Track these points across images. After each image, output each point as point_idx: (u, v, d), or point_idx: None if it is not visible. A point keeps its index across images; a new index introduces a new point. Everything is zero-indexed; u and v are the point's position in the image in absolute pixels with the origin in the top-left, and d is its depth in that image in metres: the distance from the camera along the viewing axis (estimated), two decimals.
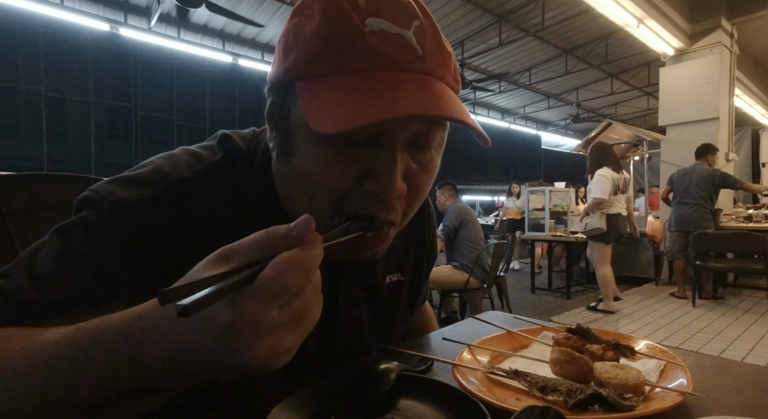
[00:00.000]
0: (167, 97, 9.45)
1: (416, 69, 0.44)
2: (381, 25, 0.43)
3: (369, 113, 0.40)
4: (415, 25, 0.44)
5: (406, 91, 0.42)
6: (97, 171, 8.58)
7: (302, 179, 0.47)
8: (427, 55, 0.45)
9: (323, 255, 0.34)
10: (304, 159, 0.46)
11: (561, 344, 0.59)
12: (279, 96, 0.48)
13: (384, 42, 0.43)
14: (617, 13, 5.12)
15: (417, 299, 0.77)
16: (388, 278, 0.68)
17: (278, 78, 0.47)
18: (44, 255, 0.47)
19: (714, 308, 4.47)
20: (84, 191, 0.50)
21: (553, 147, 15.94)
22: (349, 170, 0.45)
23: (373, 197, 0.46)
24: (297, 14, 0.47)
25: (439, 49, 0.46)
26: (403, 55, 0.44)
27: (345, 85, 0.42)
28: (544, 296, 5.31)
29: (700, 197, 4.60)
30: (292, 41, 0.45)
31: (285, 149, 0.48)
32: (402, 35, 0.44)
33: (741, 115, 8.23)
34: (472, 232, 3.50)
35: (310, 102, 0.43)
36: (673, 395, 0.49)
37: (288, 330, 0.32)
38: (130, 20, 6.91)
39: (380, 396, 0.48)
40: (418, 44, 0.44)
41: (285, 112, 0.47)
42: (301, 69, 0.45)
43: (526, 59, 9.20)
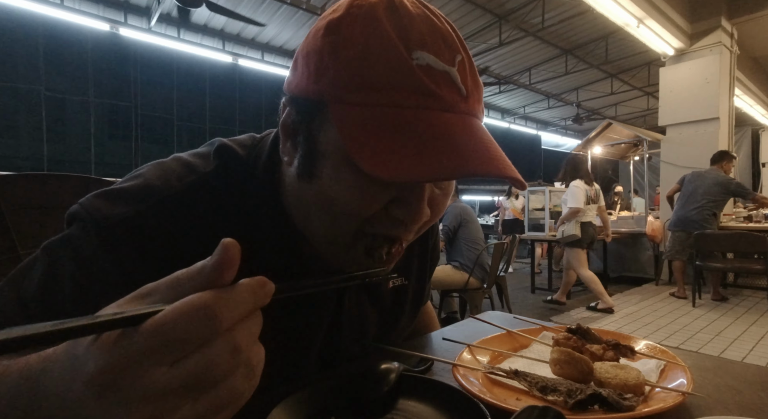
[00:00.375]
0: (167, 97, 9.44)
1: (461, 110, 0.43)
2: (428, 59, 0.41)
3: (429, 168, 0.38)
4: (458, 60, 0.43)
5: (462, 143, 0.41)
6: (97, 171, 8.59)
7: (326, 202, 0.45)
8: (469, 94, 0.44)
9: (265, 301, 0.28)
10: (332, 184, 0.44)
11: (561, 344, 0.59)
12: (305, 112, 0.45)
13: (431, 79, 0.41)
14: (617, 13, 5.12)
15: (421, 302, 0.77)
16: (392, 283, 0.68)
17: (307, 95, 0.44)
18: (32, 275, 0.46)
19: (714, 309, 4.48)
20: (84, 190, 0.50)
21: (553, 147, 15.94)
22: (379, 197, 0.44)
23: (398, 221, 0.46)
24: (333, 33, 0.43)
25: (476, 87, 0.45)
26: (450, 95, 0.42)
27: (397, 127, 0.40)
28: (545, 296, 5.31)
29: (707, 200, 4.60)
30: (329, 61, 0.42)
31: (309, 170, 0.46)
32: (448, 73, 0.42)
33: (741, 115, 8.23)
34: (472, 232, 3.50)
35: (354, 136, 0.40)
36: (673, 395, 0.49)
37: (181, 399, 0.24)
38: (130, 20, 6.91)
39: (380, 396, 0.48)
40: (462, 84, 0.43)
41: (312, 131, 0.45)
42: (339, 93, 0.42)
43: (526, 59, 9.20)
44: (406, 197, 0.44)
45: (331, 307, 0.60)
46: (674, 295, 4.96)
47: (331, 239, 0.48)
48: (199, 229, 0.49)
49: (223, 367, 0.25)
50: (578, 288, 5.61)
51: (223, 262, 0.26)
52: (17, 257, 0.71)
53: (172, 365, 0.24)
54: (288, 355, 0.57)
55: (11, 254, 0.71)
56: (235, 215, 0.51)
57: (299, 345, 0.58)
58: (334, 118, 0.42)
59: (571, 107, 12.14)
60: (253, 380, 0.27)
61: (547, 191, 6.36)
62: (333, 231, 0.47)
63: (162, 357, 0.24)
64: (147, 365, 0.23)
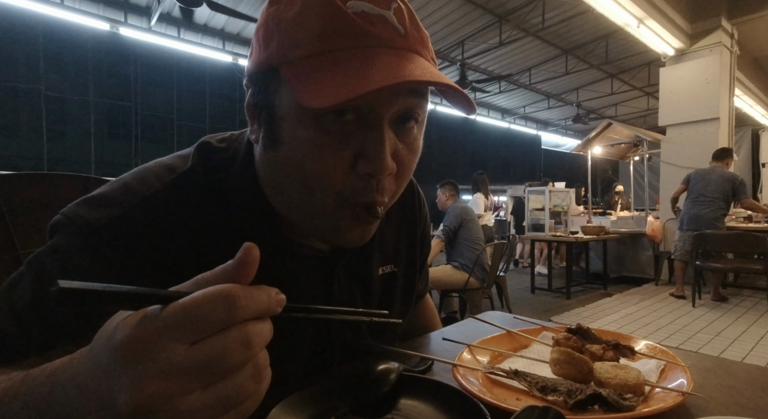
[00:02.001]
0: (167, 97, 9.45)
1: (400, 46, 0.46)
2: (363, 6, 0.44)
3: (360, 84, 0.40)
4: (393, 7, 0.46)
5: (392, 64, 0.43)
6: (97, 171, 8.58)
7: (294, 167, 0.47)
8: (408, 34, 0.46)
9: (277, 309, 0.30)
10: (295, 145, 0.46)
11: (561, 344, 0.59)
12: (261, 85, 0.47)
13: (367, 22, 0.44)
14: (617, 13, 5.12)
15: (413, 291, 0.76)
16: (381, 270, 0.68)
17: (260, 67, 0.47)
18: (22, 287, 0.46)
19: (714, 309, 4.48)
20: (84, 190, 0.50)
21: (553, 147, 15.94)
22: (341, 152, 0.45)
23: (367, 178, 0.46)
24: (275, 2, 0.47)
25: (418, 30, 0.48)
26: (387, 33, 0.45)
27: (334, 65, 0.43)
28: (544, 296, 5.31)
29: (717, 197, 4.58)
30: (274, 28, 0.45)
31: (273, 137, 0.47)
32: (384, 16, 0.45)
33: (741, 115, 8.23)
34: (473, 232, 3.50)
35: (299, 83, 0.43)
36: (673, 395, 0.49)
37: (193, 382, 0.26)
38: (130, 20, 6.91)
39: (380, 396, 0.48)
40: (399, 24, 0.46)
41: (270, 99, 0.47)
42: (285, 54, 0.45)
43: (526, 59, 9.21)
44: (366, 149, 0.45)
45: (319, 295, 0.61)
46: (673, 295, 4.97)
47: (313, 212, 0.49)
48: (182, 225, 0.50)
49: (235, 357, 0.26)
50: (578, 288, 5.62)
51: (245, 261, 0.28)
52: (17, 257, 0.71)
53: (191, 345, 0.26)
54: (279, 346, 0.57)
55: (11, 254, 0.71)
56: (217, 208, 0.53)
57: (290, 335, 0.58)
58: (284, 77, 0.45)
59: (571, 106, 12.14)
60: (260, 384, 0.28)
61: (547, 191, 6.37)
62: (312, 201, 0.48)
63: (182, 334, 0.25)
64: (168, 339, 0.25)
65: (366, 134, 0.45)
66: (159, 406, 0.25)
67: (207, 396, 0.26)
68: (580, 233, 5.45)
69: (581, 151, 6.98)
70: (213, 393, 0.26)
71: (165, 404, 0.25)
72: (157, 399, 0.25)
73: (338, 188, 0.46)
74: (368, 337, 0.67)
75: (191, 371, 0.25)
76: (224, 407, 0.27)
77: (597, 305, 4.73)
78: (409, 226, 0.74)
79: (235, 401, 0.27)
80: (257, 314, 0.28)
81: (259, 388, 0.29)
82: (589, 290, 5.57)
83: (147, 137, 9.34)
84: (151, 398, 0.25)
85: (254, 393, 0.28)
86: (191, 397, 0.26)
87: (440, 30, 7.64)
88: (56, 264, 0.46)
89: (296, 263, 0.58)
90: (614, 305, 4.67)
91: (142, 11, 6.93)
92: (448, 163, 13.71)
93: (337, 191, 0.47)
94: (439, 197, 3.78)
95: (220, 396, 0.26)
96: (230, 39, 7.90)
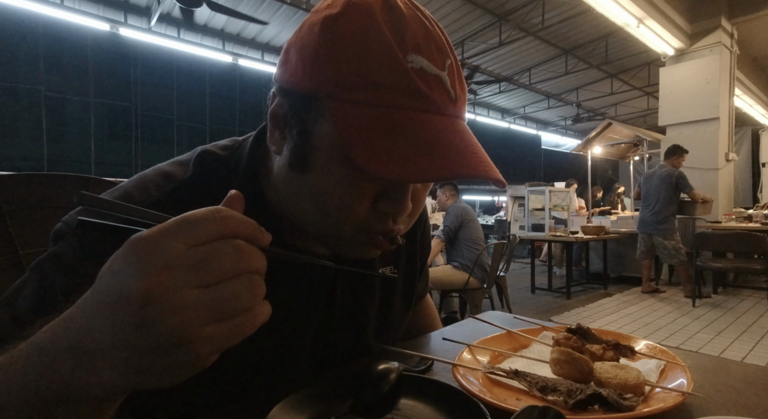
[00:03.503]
0: (167, 97, 9.43)
1: (450, 113, 0.45)
2: (422, 63, 0.42)
3: (429, 168, 0.40)
4: (447, 64, 0.44)
5: (453, 146, 0.43)
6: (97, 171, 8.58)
7: (319, 195, 0.47)
8: (458, 97, 0.45)
9: (264, 239, 0.34)
10: (324, 175, 0.46)
11: (561, 344, 0.59)
12: (298, 105, 0.46)
13: (424, 83, 0.42)
14: (617, 13, 5.12)
15: (413, 292, 0.76)
16: (381, 271, 0.69)
17: (302, 88, 0.45)
18: (25, 294, 0.47)
19: (714, 309, 4.48)
20: (84, 190, 0.50)
21: (553, 147, 15.95)
22: (367, 192, 0.46)
23: (384, 215, 0.48)
24: (330, 29, 0.43)
25: (463, 90, 0.47)
26: (441, 98, 0.44)
27: (392, 127, 0.41)
28: (544, 296, 5.31)
29: (658, 200, 4.74)
30: (325, 57, 0.42)
31: (301, 161, 0.47)
32: (440, 77, 0.43)
33: (741, 115, 8.23)
34: (473, 232, 3.50)
35: (350, 132, 0.42)
36: (673, 395, 0.49)
37: (194, 277, 0.29)
38: (130, 20, 6.92)
39: (380, 396, 0.48)
40: (451, 87, 0.44)
41: (306, 124, 0.45)
42: (335, 90, 0.43)
43: (526, 59, 9.21)
44: (392, 192, 0.47)
45: (322, 299, 0.61)
46: (644, 291, 5.12)
47: (329, 234, 0.50)
48: None
49: (228, 261, 0.30)
50: (578, 288, 5.61)
51: (230, 200, 0.34)
52: (17, 257, 0.71)
53: (189, 247, 0.30)
54: (280, 348, 0.57)
55: (11, 254, 0.71)
56: None
57: (291, 337, 0.58)
58: (331, 113, 0.43)
59: (571, 106, 12.14)
60: (255, 298, 0.31)
61: (547, 191, 6.36)
62: (329, 227, 0.49)
63: (182, 236, 0.30)
64: (170, 239, 0.29)
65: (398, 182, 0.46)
66: (164, 296, 0.28)
67: (205, 294, 0.29)
68: (580, 233, 5.45)
69: (581, 151, 6.98)
70: (211, 291, 0.30)
71: (169, 294, 0.28)
72: (162, 288, 0.28)
73: (357, 221, 0.47)
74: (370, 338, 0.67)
75: (190, 266, 0.29)
76: (221, 308, 0.30)
77: (597, 305, 4.73)
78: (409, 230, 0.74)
79: (231, 307, 0.30)
80: (246, 231, 0.32)
81: (254, 304, 0.31)
82: (590, 290, 5.57)
83: (147, 137, 9.33)
84: (157, 286, 0.28)
85: (249, 307, 0.31)
86: (191, 291, 0.29)
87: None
88: (58, 269, 0.47)
89: (299, 272, 0.58)
90: (614, 305, 4.67)
91: (142, 11, 6.94)
92: None
93: (355, 223, 0.47)
94: (439, 198, 3.78)
95: (216, 296, 0.30)
96: (230, 39, 7.91)
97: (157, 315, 0.28)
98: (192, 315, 0.29)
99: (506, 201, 10.61)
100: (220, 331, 0.30)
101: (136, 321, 0.28)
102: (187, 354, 0.29)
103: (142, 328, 0.28)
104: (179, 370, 0.30)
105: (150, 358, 0.29)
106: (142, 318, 0.28)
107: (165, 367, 0.30)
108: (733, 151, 5.93)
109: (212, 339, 0.30)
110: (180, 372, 0.31)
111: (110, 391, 0.31)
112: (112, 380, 0.30)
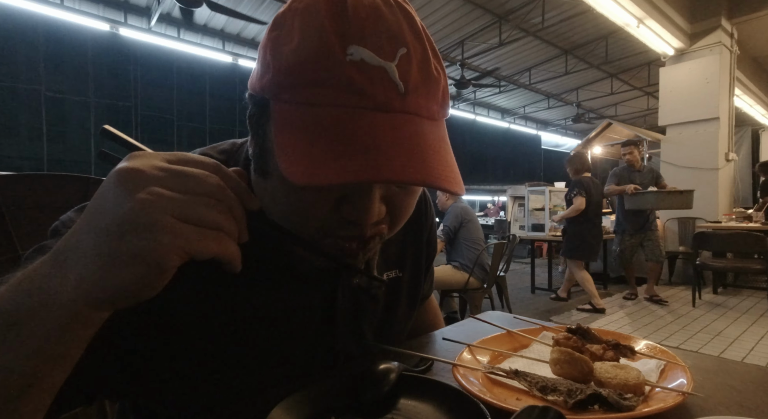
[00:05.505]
0: (167, 97, 9.43)
1: (395, 108, 0.40)
2: (363, 54, 0.38)
3: (340, 172, 0.36)
4: (400, 54, 0.40)
5: (384, 146, 0.38)
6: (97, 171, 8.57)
7: (279, 200, 0.45)
8: (409, 91, 0.40)
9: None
10: (280, 181, 0.43)
11: (561, 344, 0.59)
12: (255, 110, 0.45)
13: (363, 76, 0.39)
14: (617, 13, 5.12)
15: (418, 294, 0.75)
16: (386, 276, 0.68)
17: (256, 91, 0.44)
18: None
19: (714, 309, 4.48)
20: (84, 190, 0.51)
21: (553, 147, 15.94)
22: (324, 198, 0.43)
23: (350, 221, 0.44)
24: (277, 27, 0.42)
25: (424, 81, 0.42)
26: (383, 92, 0.39)
27: (319, 127, 0.39)
28: (544, 296, 5.30)
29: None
30: (270, 59, 0.41)
31: (262, 167, 0.46)
32: (384, 69, 0.39)
33: (741, 115, 8.23)
34: (473, 232, 3.50)
35: (281, 135, 0.40)
36: (673, 395, 0.49)
37: (176, 185, 0.34)
38: (130, 20, 6.92)
39: (380, 396, 0.48)
40: (401, 79, 0.40)
41: (263, 128, 0.44)
42: (276, 92, 0.41)
43: (526, 59, 9.21)
44: (351, 196, 0.43)
45: (324, 307, 0.60)
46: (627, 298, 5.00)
47: (302, 235, 0.47)
48: None
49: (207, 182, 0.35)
50: (578, 288, 5.61)
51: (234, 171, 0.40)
52: (17, 257, 0.71)
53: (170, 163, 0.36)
54: (280, 349, 0.57)
55: (11, 254, 0.71)
56: None
57: (291, 338, 0.57)
58: (272, 117, 0.42)
59: (571, 106, 12.14)
60: (231, 220, 0.36)
61: (547, 191, 6.37)
62: (296, 230, 0.46)
63: (163, 157, 0.36)
64: (153, 158, 0.35)
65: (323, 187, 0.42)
66: (137, 177, 0.33)
67: (186, 201, 0.33)
68: None
69: (581, 150, 6.98)
70: (191, 201, 0.33)
71: (142, 178, 0.33)
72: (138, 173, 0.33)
73: (318, 226, 0.45)
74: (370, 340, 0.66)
75: (171, 175, 0.34)
76: (188, 209, 0.33)
77: None
78: (415, 231, 0.72)
79: (198, 213, 0.34)
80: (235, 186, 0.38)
81: (222, 225, 0.35)
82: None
83: (147, 137, 9.32)
84: (147, 195, 0.32)
85: (217, 224, 0.35)
86: (175, 197, 0.33)
87: (440, 30, 7.64)
88: None
89: (299, 278, 0.57)
90: (614, 306, 4.67)
91: (142, 12, 6.93)
92: None
93: (318, 227, 0.45)
94: (439, 198, 3.78)
95: (187, 199, 0.33)
96: (230, 39, 7.90)
97: (127, 193, 0.32)
98: (159, 202, 0.32)
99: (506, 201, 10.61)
100: (183, 228, 0.33)
101: (111, 198, 0.33)
102: (150, 239, 0.31)
103: (114, 207, 0.32)
104: (143, 265, 0.32)
105: (116, 242, 0.32)
106: (116, 195, 0.32)
107: (130, 256, 0.32)
108: (733, 151, 5.93)
109: (174, 232, 0.32)
110: (144, 269, 0.32)
111: (79, 294, 0.32)
112: (80, 276, 0.32)
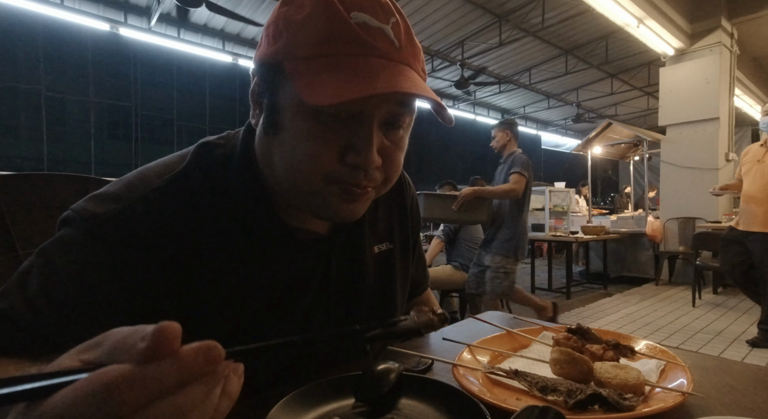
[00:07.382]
0: (167, 97, 9.43)
1: (394, 58, 0.50)
2: (364, 18, 0.49)
3: (356, 89, 0.45)
4: (392, 21, 0.51)
5: (386, 74, 0.48)
6: (97, 171, 8.58)
7: (289, 151, 0.51)
8: (402, 47, 0.51)
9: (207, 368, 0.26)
10: (292, 132, 0.50)
11: (561, 344, 0.59)
12: (267, 76, 0.52)
13: (367, 33, 0.49)
14: (617, 13, 5.11)
15: (409, 267, 0.78)
16: (377, 248, 0.71)
17: (266, 60, 0.52)
18: (32, 275, 0.49)
19: (714, 309, 4.48)
20: (84, 190, 0.51)
21: (553, 147, 15.93)
22: (332, 143, 0.50)
23: (355, 168, 0.51)
24: (287, 4, 0.51)
25: (411, 44, 0.53)
26: (384, 45, 0.50)
27: (335, 68, 0.48)
28: (544, 296, 5.30)
29: None
30: (283, 27, 0.50)
31: (272, 123, 0.52)
32: (382, 29, 0.50)
33: (741, 115, 8.23)
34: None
35: (303, 80, 0.48)
36: (673, 395, 0.49)
37: None
38: (130, 20, 6.90)
39: (380, 396, 0.48)
40: (395, 38, 0.50)
41: (273, 89, 0.52)
42: (291, 51, 0.49)
43: (526, 59, 9.20)
44: (355, 143, 0.50)
45: (317, 279, 0.62)
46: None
47: (303, 190, 0.53)
48: (183, 218, 0.53)
49: None
50: (578, 288, 5.61)
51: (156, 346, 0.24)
52: (17, 257, 0.71)
53: None
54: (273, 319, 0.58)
55: (11, 254, 0.71)
56: (216, 200, 0.56)
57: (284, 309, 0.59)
58: (287, 72, 0.49)
59: (571, 106, 12.13)
60: None
61: (547, 191, 6.36)
62: (301, 180, 0.52)
63: None
64: None
65: (356, 130, 0.50)
66: None
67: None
68: (580, 233, 5.45)
69: (581, 151, 6.98)
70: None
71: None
72: None
73: (326, 172, 0.51)
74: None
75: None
76: None
77: (597, 305, 4.73)
78: (399, 204, 0.77)
79: None
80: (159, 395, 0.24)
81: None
82: (589, 290, 5.57)
83: (147, 137, 9.32)
84: None
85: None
86: None
87: (440, 30, 7.64)
88: (62, 254, 0.49)
89: (294, 249, 0.60)
90: (614, 305, 4.67)
91: (141, 11, 6.92)
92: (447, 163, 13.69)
93: (324, 173, 0.51)
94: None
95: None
96: (230, 39, 7.89)
97: None
98: None
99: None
100: None
101: None
102: None
103: None
104: None
105: None
106: None
107: None
108: (733, 151, 5.93)
109: None
110: None
111: None
112: None
